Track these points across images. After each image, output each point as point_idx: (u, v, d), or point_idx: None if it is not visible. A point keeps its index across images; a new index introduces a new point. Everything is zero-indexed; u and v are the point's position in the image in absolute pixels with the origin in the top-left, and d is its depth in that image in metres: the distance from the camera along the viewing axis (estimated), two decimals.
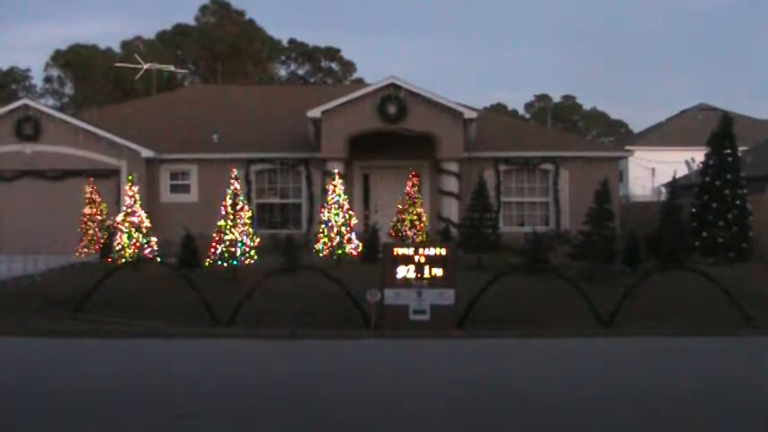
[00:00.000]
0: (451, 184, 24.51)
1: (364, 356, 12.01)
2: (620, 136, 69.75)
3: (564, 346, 12.93)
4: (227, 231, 17.82)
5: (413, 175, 20.58)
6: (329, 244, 19.26)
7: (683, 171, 34.08)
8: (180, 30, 61.92)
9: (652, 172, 42.40)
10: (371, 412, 7.97)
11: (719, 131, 20.46)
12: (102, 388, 8.98)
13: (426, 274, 14.67)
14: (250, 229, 18.23)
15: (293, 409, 8.00)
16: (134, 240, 18.93)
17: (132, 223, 19.03)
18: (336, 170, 21.17)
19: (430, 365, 11.09)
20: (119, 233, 19.11)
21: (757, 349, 12.62)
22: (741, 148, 21.61)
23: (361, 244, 19.49)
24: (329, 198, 19.58)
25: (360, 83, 46.84)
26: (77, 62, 59.73)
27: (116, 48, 60.84)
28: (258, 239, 18.50)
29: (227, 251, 17.74)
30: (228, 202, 18.08)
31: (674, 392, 8.92)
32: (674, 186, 21.11)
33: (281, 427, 7.41)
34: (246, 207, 18.47)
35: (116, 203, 23.76)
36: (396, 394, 8.75)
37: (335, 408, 8.08)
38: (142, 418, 7.62)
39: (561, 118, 74.42)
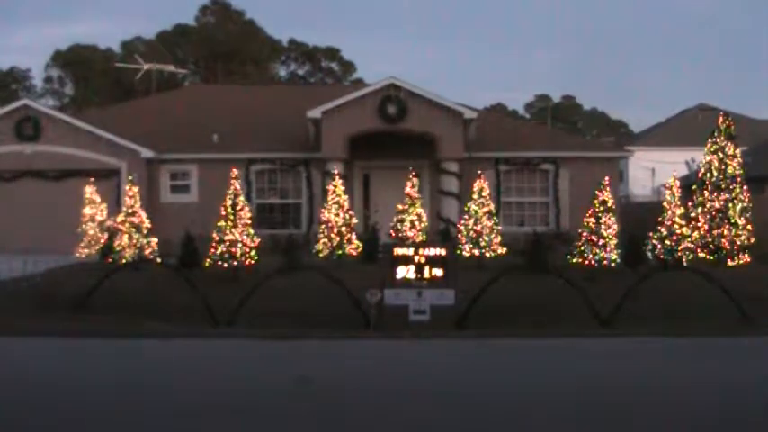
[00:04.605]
0: (451, 184, 24.52)
1: (364, 356, 12.01)
2: (620, 136, 69.82)
3: (563, 347, 12.93)
4: (228, 231, 17.81)
5: (413, 175, 20.57)
6: (329, 244, 19.25)
7: (683, 171, 34.11)
8: (180, 30, 61.98)
9: (652, 172, 42.44)
10: (372, 412, 7.97)
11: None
12: (102, 388, 8.98)
13: (426, 274, 14.67)
14: (250, 230, 18.22)
15: (293, 409, 8.00)
16: (134, 241, 18.95)
17: (132, 223, 19.05)
18: (336, 170, 21.16)
19: (430, 366, 11.09)
20: (119, 233, 19.12)
21: (757, 349, 12.62)
22: (741, 148, 21.60)
23: (360, 244, 19.48)
24: (329, 198, 19.58)
25: (360, 83, 46.90)
26: (77, 62, 59.81)
27: (116, 48, 60.98)
28: (258, 239, 18.49)
29: (228, 251, 17.73)
30: (228, 202, 18.08)
31: (674, 393, 8.92)
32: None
33: (281, 427, 7.41)
34: (246, 207, 18.46)
35: (116, 204, 23.77)
36: (396, 395, 8.75)
37: (335, 408, 8.08)
38: (141, 418, 7.62)
39: (561, 118, 74.54)
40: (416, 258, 14.75)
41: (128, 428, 7.35)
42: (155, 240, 19.41)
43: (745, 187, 20.24)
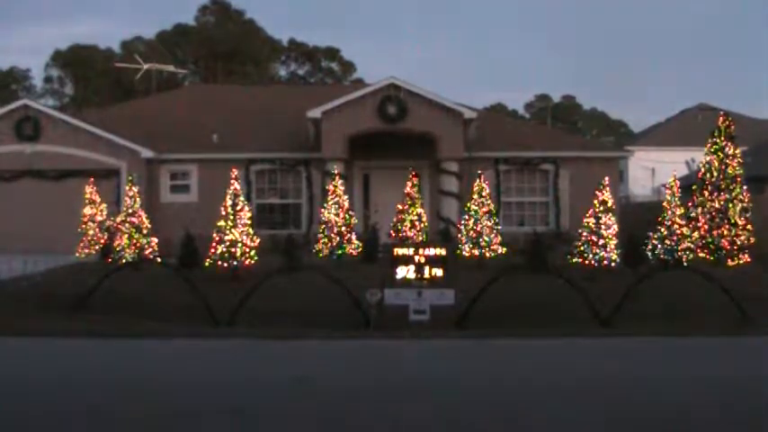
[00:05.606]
0: (451, 184, 24.52)
1: (364, 356, 12.00)
2: (620, 136, 69.84)
3: (563, 347, 12.92)
4: (228, 231, 17.83)
5: (413, 176, 20.57)
6: (329, 244, 19.26)
7: (683, 171, 34.12)
8: (180, 30, 61.99)
9: (652, 172, 42.45)
10: (372, 412, 7.96)
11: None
12: (102, 387, 8.98)
13: (426, 274, 14.68)
14: (250, 230, 18.24)
15: (293, 409, 8.00)
16: (134, 240, 18.96)
17: (132, 223, 19.06)
18: (336, 170, 21.16)
19: (430, 366, 11.08)
20: (119, 233, 19.14)
21: (757, 349, 12.62)
22: (741, 148, 21.60)
23: (361, 244, 19.49)
24: (329, 198, 19.59)
25: (360, 83, 46.88)
26: (77, 62, 59.85)
27: (116, 48, 60.99)
28: (258, 240, 18.50)
29: (228, 251, 17.74)
30: (228, 202, 18.10)
31: (674, 393, 8.92)
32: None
33: (281, 427, 7.41)
34: (246, 207, 18.48)
35: (116, 204, 23.78)
36: (396, 395, 8.74)
37: (335, 407, 8.08)
38: (141, 418, 7.62)
39: (561, 118, 74.51)
40: (416, 258, 14.76)
41: (128, 428, 7.34)
42: (155, 240, 19.42)
43: (745, 187, 20.24)
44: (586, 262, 18.09)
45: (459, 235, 19.74)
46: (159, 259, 18.54)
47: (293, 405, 8.22)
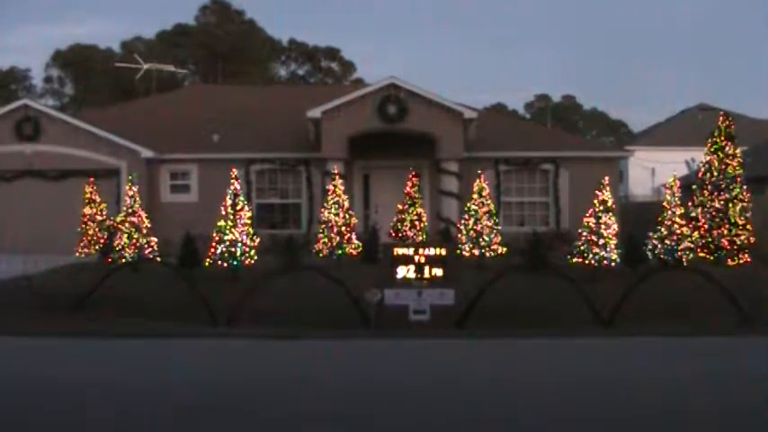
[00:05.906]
0: (451, 184, 24.50)
1: (364, 356, 12.01)
2: (620, 136, 69.83)
3: (564, 347, 12.93)
4: (228, 231, 17.82)
5: (413, 176, 20.56)
6: (329, 244, 19.26)
7: (683, 171, 34.11)
8: (180, 30, 61.95)
9: (652, 172, 42.42)
10: (372, 412, 7.97)
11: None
12: (101, 387, 8.98)
13: (426, 274, 14.69)
14: (250, 230, 18.24)
15: (293, 409, 8.01)
16: (134, 240, 18.96)
17: (132, 223, 19.06)
18: (336, 170, 21.15)
19: (430, 365, 11.09)
20: (119, 233, 19.14)
21: (757, 349, 12.62)
22: (741, 148, 21.59)
23: (361, 244, 19.48)
24: (329, 198, 19.59)
25: (360, 83, 46.88)
26: (77, 62, 59.83)
27: (116, 48, 60.95)
28: (258, 239, 18.50)
29: (228, 251, 17.74)
30: (228, 202, 18.10)
31: (674, 393, 8.92)
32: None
33: (280, 427, 7.41)
34: (246, 207, 18.47)
35: (116, 203, 23.78)
36: (396, 395, 8.75)
37: (335, 407, 8.08)
38: (141, 417, 7.63)
39: (561, 118, 74.44)
40: (416, 258, 14.77)
41: (128, 428, 7.34)
42: (155, 240, 19.41)
43: (745, 187, 20.24)
44: (586, 262, 18.08)
45: (460, 235, 19.72)
46: (159, 259, 18.54)
47: (293, 404, 8.22)
